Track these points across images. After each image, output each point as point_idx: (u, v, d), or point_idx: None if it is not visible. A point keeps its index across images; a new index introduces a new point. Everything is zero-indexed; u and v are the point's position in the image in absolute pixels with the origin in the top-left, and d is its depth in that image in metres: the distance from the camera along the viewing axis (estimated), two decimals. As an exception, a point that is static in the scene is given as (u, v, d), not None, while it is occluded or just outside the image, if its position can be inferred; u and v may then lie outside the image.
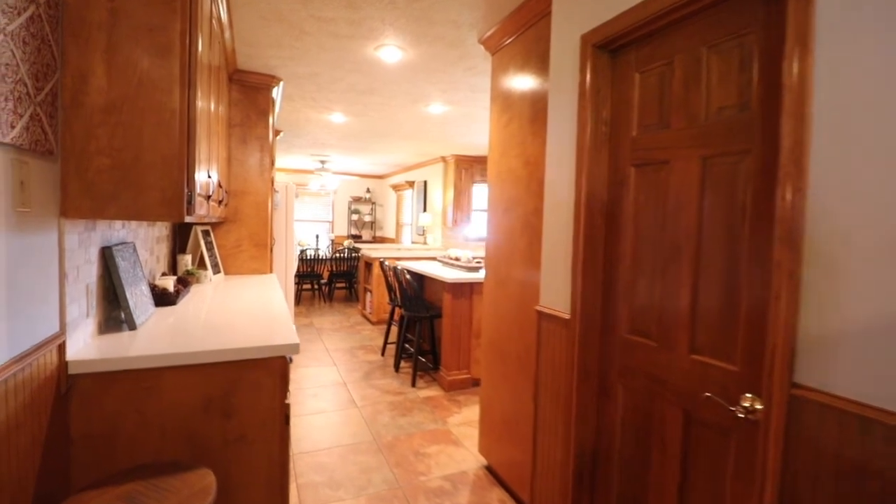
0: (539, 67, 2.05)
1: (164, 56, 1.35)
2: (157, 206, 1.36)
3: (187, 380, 1.42)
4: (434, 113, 4.06)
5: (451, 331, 3.53)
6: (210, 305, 2.13)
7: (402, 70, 3.01)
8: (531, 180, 2.10)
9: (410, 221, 7.91)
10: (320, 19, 2.31)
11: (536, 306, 1.93)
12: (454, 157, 6.20)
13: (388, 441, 2.72)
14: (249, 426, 1.51)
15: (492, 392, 2.42)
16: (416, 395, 3.43)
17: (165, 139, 1.36)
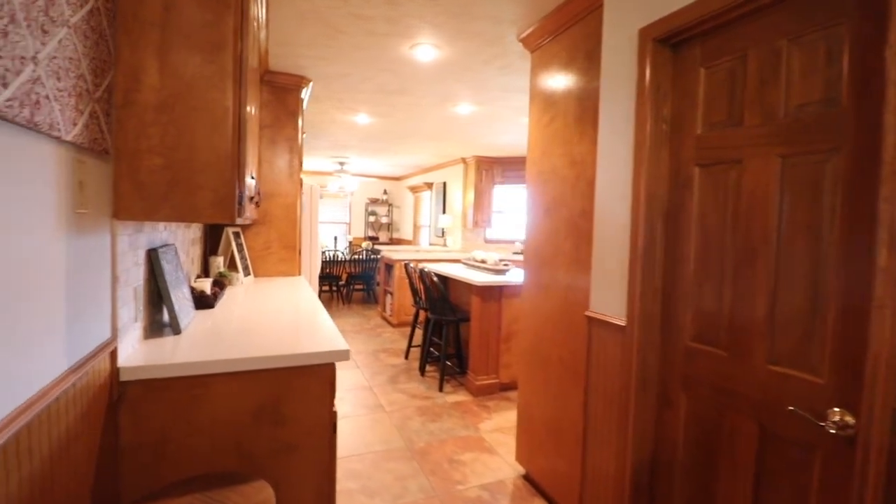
0: (587, 64, 1.98)
1: (216, 53, 1.31)
2: (209, 207, 1.32)
3: (237, 387, 1.38)
4: (461, 113, 4.00)
5: (480, 335, 3.46)
6: (248, 309, 2.09)
7: (435, 69, 2.96)
8: (578, 180, 2.02)
9: (428, 223, 7.86)
10: (359, 17, 2.26)
11: (587, 312, 1.85)
12: (475, 157, 6.14)
13: (420, 447, 2.66)
14: (299, 434, 1.46)
15: (531, 398, 2.34)
16: (444, 400, 3.36)
17: (218, 138, 1.32)
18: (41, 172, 0.84)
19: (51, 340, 0.89)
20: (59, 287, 0.92)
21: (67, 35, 0.90)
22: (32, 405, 0.80)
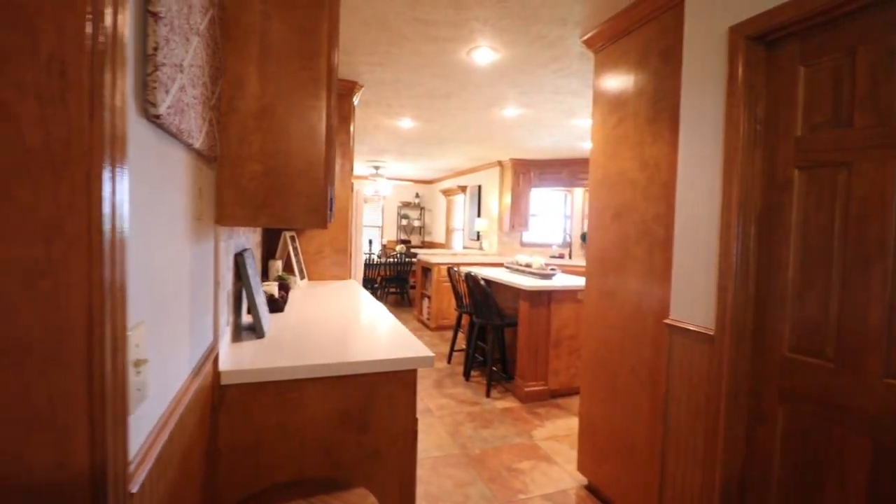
0: (661, 63, 1.92)
1: (312, 60, 1.32)
2: (304, 212, 1.32)
3: (327, 392, 1.38)
4: (507, 116, 3.97)
5: (528, 340, 3.41)
6: (316, 313, 2.10)
7: (489, 72, 2.94)
8: (651, 184, 1.97)
9: (462, 226, 7.84)
10: (424, 22, 2.26)
11: (666, 320, 1.80)
12: (512, 160, 6.09)
13: (476, 454, 2.63)
14: (383, 441, 1.45)
15: (595, 408, 2.29)
16: (493, 406, 3.32)
17: (312, 144, 1.33)
18: (178, 180, 0.86)
19: (182, 346, 0.90)
20: (187, 293, 0.94)
21: (198, 43, 0.92)
22: (172, 413, 0.81)
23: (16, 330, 0.47)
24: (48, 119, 0.48)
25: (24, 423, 0.48)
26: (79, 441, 0.50)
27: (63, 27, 0.48)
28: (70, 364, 0.49)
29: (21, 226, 0.47)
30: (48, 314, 0.48)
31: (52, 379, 0.49)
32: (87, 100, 0.49)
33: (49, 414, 0.49)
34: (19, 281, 0.47)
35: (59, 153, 0.48)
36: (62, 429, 0.49)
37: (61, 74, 0.48)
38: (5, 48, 0.46)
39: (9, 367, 0.47)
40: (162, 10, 0.65)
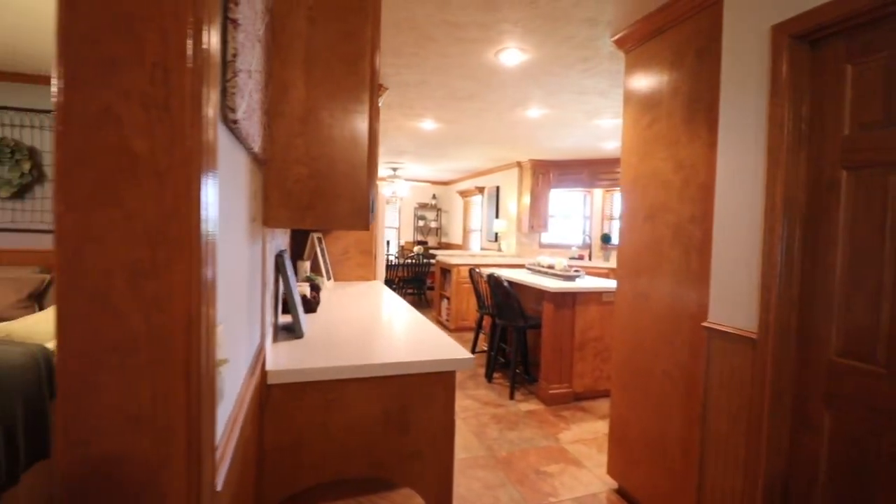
0: (697, 63, 1.90)
1: (355, 64, 1.33)
2: (347, 215, 1.34)
3: (368, 393, 1.39)
4: (530, 117, 3.96)
5: (552, 342, 3.39)
6: (348, 313, 2.12)
7: (516, 73, 2.94)
8: (686, 185, 1.94)
9: (479, 227, 7.84)
10: (452, 24, 2.27)
11: (704, 323, 1.77)
12: (531, 161, 6.07)
13: (503, 456, 2.62)
14: (424, 442, 1.45)
15: (626, 411, 2.26)
16: (517, 409, 3.31)
17: (355, 147, 1.34)
18: (241, 183, 0.87)
19: (242, 345, 0.92)
20: (245, 293, 0.95)
21: (259, 49, 0.94)
22: (238, 413, 0.82)
23: (123, 330, 0.49)
24: (153, 126, 0.49)
25: (129, 422, 0.50)
26: (178, 441, 0.51)
27: (166, 35, 0.49)
28: (171, 364, 0.51)
29: (128, 230, 0.49)
30: (152, 315, 0.50)
31: (156, 378, 0.50)
32: (188, 106, 0.50)
33: (151, 413, 0.50)
34: (126, 283, 0.49)
35: (162, 159, 0.49)
36: (163, 428, 0.51)
37: (165, 82, 0.49)
38: (114, 57, 0.48)
39: (116, 367, 0.49)
40: (240, 18, 0.67)
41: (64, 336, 0.48)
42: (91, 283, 0.48)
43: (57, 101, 0.47)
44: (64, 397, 0.48)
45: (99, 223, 0.48)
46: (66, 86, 0.47)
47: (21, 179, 3.98)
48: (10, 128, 4.01)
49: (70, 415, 0.48)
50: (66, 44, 0.47)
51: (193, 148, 0.51)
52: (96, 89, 0.47)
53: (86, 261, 0.48)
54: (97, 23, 0.47)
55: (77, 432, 0.48)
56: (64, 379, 0.48)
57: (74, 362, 0.48)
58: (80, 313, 0.48)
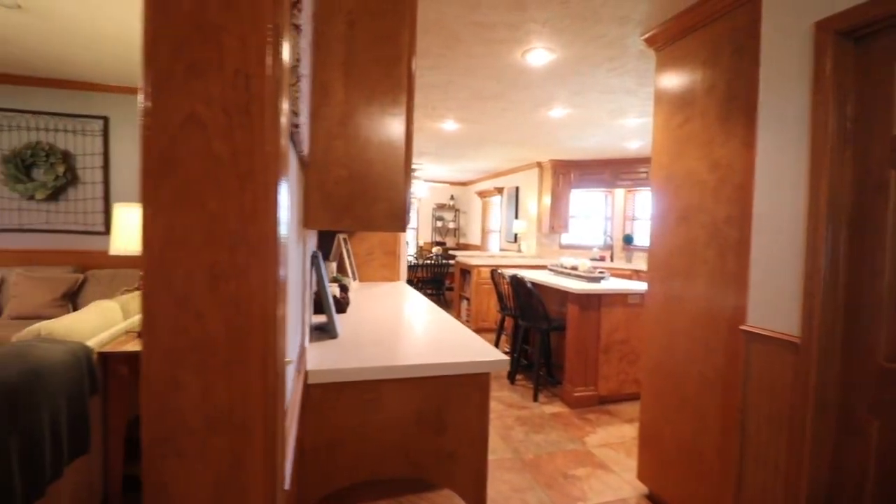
0: (735, 61, 1.86)
1: (393, 66, 1.34)
2: (384, 217, 1.35)
3: (404, 393, 1.39)
4: (553, 117, 3.93)
5: (577, 344, 3.36)
6: (378, 314, 2.14)
7: (541, 73, 2.92)
8: (722, 185, 1.90)
9: (498, 228, 7.81)
10: (481, 25, 2.27)
11: (743, 326, 1.73)
12: (551, 161, 6.03)
13: (530, 459, 2.61)
14: (458, 443, 1.46)
15: (658, 415, 2.23)
16: (541, 411, 3.29)
17: (393, 149, 1.35)
18: (293, 186, 0.88)
19: (293, 345, 0.93)
20: (296, 293, 0.97)
21: (308, 54, 0.95)
22: (292, 411, 0.84)
23: (203, 331, 0.50)
24: (234, 131, 0.50)
25: (204, 420, 0.51)
26: (255, 440, 0.52)
27: (246, 42, 0.50)
28: (248, 364, 0.52)
29: (210, 233, 0.50)
30: (231, 316, 0.51)
31: (233, 378, 0.51)
32: (267, 111, 0.51)
33: (228, 412, 0.51)
34: (207, 284, 0.50)
35: (243, 163, 0.50)
36: (240, 427, 0.52)
37: (246, 88, 0.50)
38: (198, 63, 0.49)
39: (196, 366, 0.50)
40: (302, 23, 0.68)
41: (149, 335, 0.49)
42: (174, 285, 0.49)
43: (144, 107, 0.48)
44: (148, 395, 0.49)
45: (182, 226, 0.49)
46: (153, 92, 0.48)
47: (55, 182, 4.12)
48: (45, 132, 4.15)
49: (154, 413, 0.49)
50: (154, 51, 0.48)
51: (271, 152, 0.52)
52: (182, 95, 0.49)
53: (170, 263, 0.49)
54: (182, 31, 0.49)
55: (159, 430, 0.50)
56: (148, 377, 0.49)
57: (159, 361, 0.49)
58: (164, 313, 0.49)
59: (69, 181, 4.19)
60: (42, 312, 3.69)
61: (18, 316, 3.66)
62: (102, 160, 4.28)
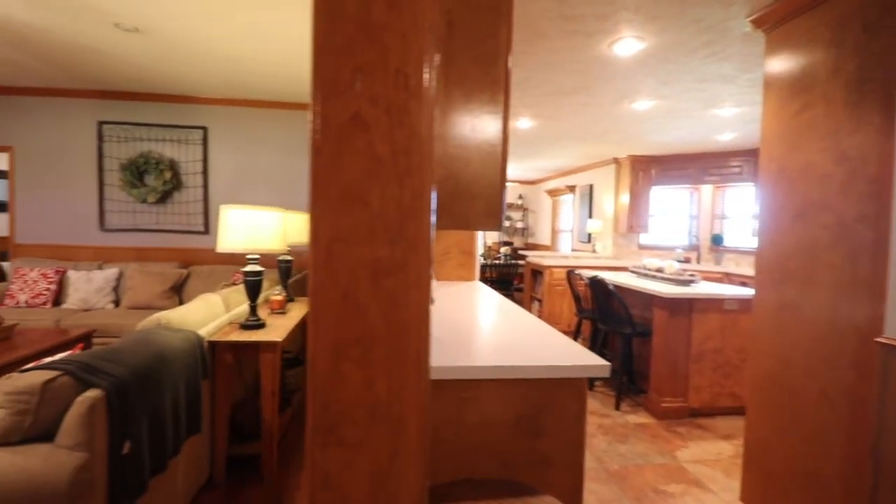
0: (868, 39, 1.64)
1: (491, 64, 1.33)
2: (481, 216, 1.34)
3: (501, 394, 1.38)
4: (637, 109, 3.74)
5: (665, 352, 3.15)
6: (460, 312, 2.14)
7: (628, 64, 2.78)
8: (852, 179, 1.69)
9: (570, 228, 7.59)
10: (567, 18, 2.20)
11: (879, 338, 1.52)
12: (630, 157, 5.74)
13: (615, 470, 2.49)
14: (555, 449, 1.42)
15: (767, 434, 2.03)
16: (624, 420, 3.13)
17: (490, 148, 1.34)
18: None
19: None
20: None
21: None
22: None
23: (365, 325, 0.51)
24: (394, 130, 0.51)
25: (365, 411, 0.52)
26: (410, 433, 0.53)
27: (408, 41, 0.51)
28: (405, 359, 0.52)
29: (372, 230, 0.51)
30: (389, 311, 0.52)
31: (391, 371, 0.52)
32: (424, 109, 0.52)
33: (387, 404, 0.52)
34: (368, 280, 0.51)
35: (402, 162, 0.51)
36: (397, 419, 0.52)
37: (405, 86, 0.51)
38: (364, 64, 0.50)
39: (357, 359, 0.52)
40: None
41: (316, 327, 0.51)
42: (340, 280, 0.51)
43: (313, 111, 0.51)
44: (314, 385, 0.52)
45: (347, 224, 0.51)
46: (321, 95, 0.50)
47: (164, 187, 4.60)
48: (154, 142, 4.64)
49: (319, 403, 0.51)
50: (322, 55, 0.50)
51: (427, 151, 0.52)
52: (348, 97, 0.50)
53: (335, 259, 0.51)
54: (348, 33, 0.50)
55: (323, 419, 0.52)
56: (314, 368, 0.52)
57: (324, 353, 0.51)
58: (330, 307, 0.51)
59: (175, 186, 4.66)
60: (153, 303, 4.14)
61: (134, 306, 4.13)
62: (202, 166, 4.70)
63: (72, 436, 1.34)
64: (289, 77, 3.89)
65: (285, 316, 2.71)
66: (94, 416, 1.37)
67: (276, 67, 3.64)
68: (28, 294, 4.04)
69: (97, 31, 2.97)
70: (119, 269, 4.35)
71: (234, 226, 2.30)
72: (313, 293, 0.51)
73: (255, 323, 2.37)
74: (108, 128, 4.58)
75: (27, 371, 1.40)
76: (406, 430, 0.53)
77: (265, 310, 2.77)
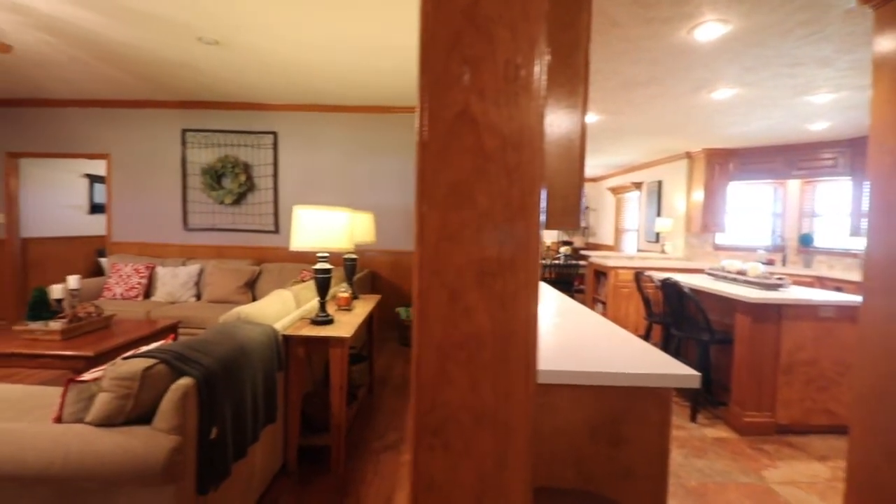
0: None
1: (570, 54, 1.28)
2: (560, 214, 1.29)
3: (579, 400, 1.32)
4: (715, 99, 3.48)
5: (749, 362, 2.90)
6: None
7: (709, 51, 2.59)
8: None
9: (636, 227, 7.24)
10: (642, 5, 2.08)
11: None
12: (705, 151, 5.36)
13: (693, 487, 2.32)
14: (636, 461, 1.34)
15: (877, 458, 1.80)
16: (701, 434, 2.92)
17: (568, 143, 1.29)
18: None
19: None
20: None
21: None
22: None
23: (472, 326, 0.50)
24: (504, 123, 0.49)
25: (471, 415, 0.50)
26: (518, 440, 0.50)
27: (517, 32, 0.49)
28: (513, 363, 0.50)
29: (479, 228, 0.49)
30: (497, 313, 0.50)
31: (498, 375, 0.50)
32: (533, 101, 0.49)
33: (493, 409, 0.50)
34: (475, 280, 0.49)
35: (511, 158, 0.49)
36: (503, 425, 0.50)
37: (515, 78, 0.49)
38: (473, 57, 0.48)
39: (463, 362, 0.50)
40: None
41: (422, 327, 0.50)
42: (447, 279, 0.49)
43: (421, 106, 0.49)
44: (419, 386, 0.51)
45: (454, 222, 0.49)
46: (429, 90, 0.49)
47: (239, 189, 4.91)
48: (230, 147, 4.97)
49: (425, 404, 0.50)
50: (430, 50, 0.49)
51: (537, 146, 0.49)
52: (456, 91, 0.49)
53: (443, 257, 0.49)
54: (457, 27, 0.48)
55: (429, 421, 0.50)
56: (420, 368, 0.50)
57: (430, 353, 0.50)
58: (437, 307, 0.50)
59: (248, 188, 4.96)
60: (230, 297, 4.43)
61: (213, 300, 4.44)
62: (272, 169, 4.97)
63: (167, 420, 1.44)
64: (352, 82, 4.02)
65: (351, 313, 2.79)
66: (186, 402, 1.47)
67: (340, 73, 3.77)
68: (123, 287, 4.47)
69: (182, 45, 3.22)
70: (200, 266, 4.70)
71: (306, 225, 2.40)
72: (420, 293, 0.50)
73: (325, 319, 2.45)
74: (190, 135, 4.96)
75: (129, 359, 1.53)
76: (512, 436, 0.50)
77: (332, 306, 2.87)
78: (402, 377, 3.78)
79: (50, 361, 2.66)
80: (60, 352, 2.66)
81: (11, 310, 5.12)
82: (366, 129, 4.89)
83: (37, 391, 2.14)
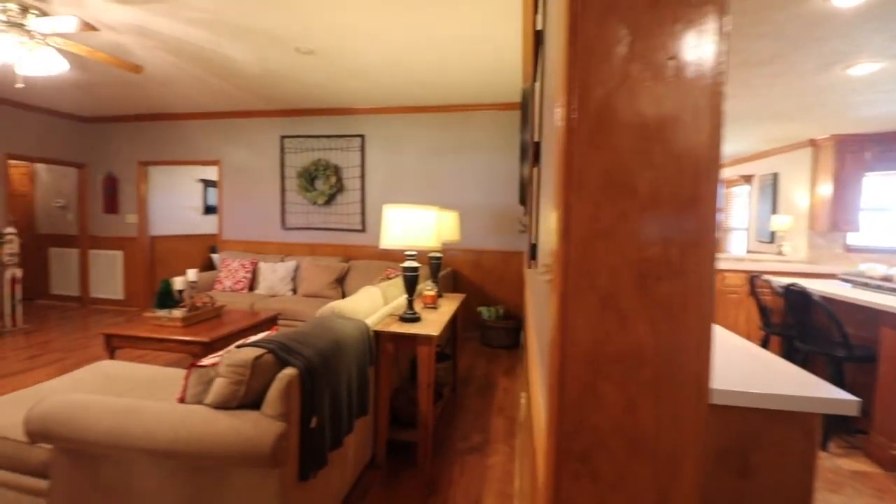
0: None
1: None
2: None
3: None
4: (854, 76, 2.98)
5: (895, 383, 2.45)
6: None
7: (850, 18, 2.21)
8: None
9: (745, 225, 6.51)
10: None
11: None
12: (834, 137, 4.64)
13: (827, 525, 2.00)
14: (770, 495, 1.15)
15: None
16: (835, 465, 2.52)
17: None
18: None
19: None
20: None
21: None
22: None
23: (629, 338, 0.42)
24: (670, 96, 0.41)
25: (625, 441, 0.43)
26: (684, 474, 0.42)
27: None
28: (680, 383, 0.42)
29: (639, 223, 0.42)
30: (661, 323, 0.42)
31: (662, 398, 0.42)
32: (709, 68, 0.40)
33: (654, 437, 0.42)
34: (634, 284, 0.42)
35: (679, 138, 0.41)
36: (667, 458, 0.42)
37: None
38: (631, 21, 0.41)
39: (618, 378, 0.43)
40: None
41: (566, 336, 0.44)
42: (598, 282, 0.42)
43: (568, 83, 0.43)
44: (561, 402, 0.44)
45: (608, 216, 0.42)
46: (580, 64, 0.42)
47: (330, 190, 5.19)
48: (322, 151, 5.26)
49: (568, 425, 0.44)
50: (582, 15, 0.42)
51: (714, 122, 0.41)
52: (612, 62, 0.42)
53: (593, 258, 0.43)
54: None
55: (574, 445, 0.44)
56: (563, 382, 0.44)
57: (576, 368, 0.43)
58: (585, 314, 0.43)
59: (338, 189, 5.22)
60: (322, 292, 4.69)
61: (307, 294, 4.73)
62: (360, 171, 5.18)
63: (274, 407, 1.52)
64: (434, 84, 4.07)
65: (437, 311, 2.80)
66: (290, 391, 1.54)
67: (425, 76, 3.83)
68: (231, 281, 4.93)
69: (281, 56, 3.45)
70: (296, 262, 5.04)
71: (395, 224, 2.43)
72: (563, 296, 0.44)
73: (412, 316, 2.48)
74: (287, 141, 5.34)
75: (241, 347, 1.64)
76: (677, 470, 0.42)
77: (418, 304, 2.90)
78: (485, 377, 3.74)
79: (173, 345, 2.99)
80: (182, 337, 2.97)
81: (142, 298, 5.89)
82: (448, 129, 4.92)
83: (160, 373, 2.40)
